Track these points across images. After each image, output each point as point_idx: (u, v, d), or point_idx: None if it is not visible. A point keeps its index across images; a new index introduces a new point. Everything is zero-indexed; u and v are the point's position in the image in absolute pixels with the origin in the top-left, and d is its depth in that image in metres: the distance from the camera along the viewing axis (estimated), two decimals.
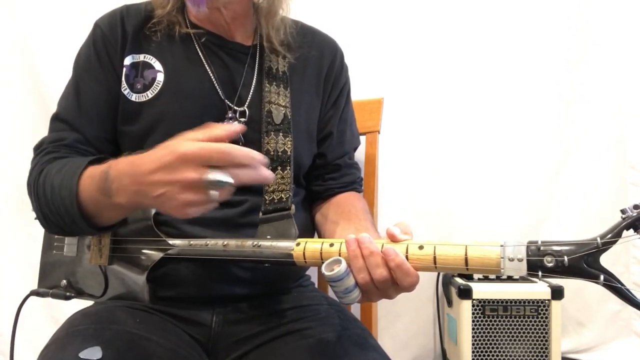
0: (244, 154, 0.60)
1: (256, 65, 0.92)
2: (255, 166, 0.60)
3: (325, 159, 0.98)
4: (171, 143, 0.61)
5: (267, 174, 0.62)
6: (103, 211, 0.73)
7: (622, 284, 0.53)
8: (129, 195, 0.65)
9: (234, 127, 0.62)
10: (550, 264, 0.55)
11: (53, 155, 0.82)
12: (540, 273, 0.55)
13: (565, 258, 0.54)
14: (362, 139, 1.14)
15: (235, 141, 0.87)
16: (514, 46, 1.45)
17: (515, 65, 1.45)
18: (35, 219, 0.81)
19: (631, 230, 0.53)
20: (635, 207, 0.53)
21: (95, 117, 0.86)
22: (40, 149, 0.85)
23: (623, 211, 0.54)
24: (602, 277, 0.54)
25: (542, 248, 0.56)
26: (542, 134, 1.46)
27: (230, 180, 0.59)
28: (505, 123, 1.46)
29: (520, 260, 0.56)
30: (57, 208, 0.74)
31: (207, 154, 0.58)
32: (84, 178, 0.72)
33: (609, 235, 0.54)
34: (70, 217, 0.73)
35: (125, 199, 0.66)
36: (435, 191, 1.46)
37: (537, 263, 0.56)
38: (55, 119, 0.88)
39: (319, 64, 0.98)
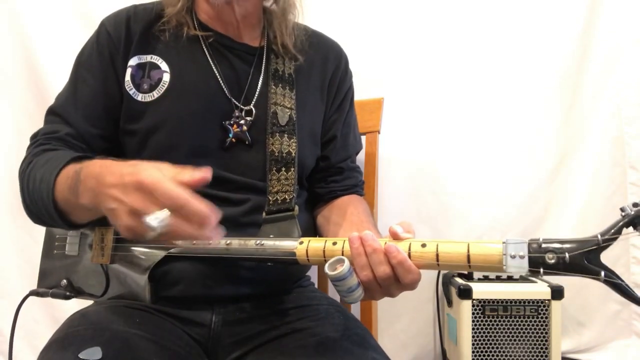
0: (197, 212, 0.57)
1: (263, 66, 0.92)
2: (205, 225, 0.58)
3: (329, 162, 0.99)
4: (139, 165, 0.61)
5: (210, 234, 0.59)
6: (73, 210, 0.74)
7: (622, 280, 0.54)
8: (91, 198, 0.66)
9: (202, 173, 0.59)
10: (552, 261, 0.55)
11: (43, 147, 0.83)
12: (541, 270, 0.56)
13: (567, 255, 0.55)
14: (362, 138, 1.14)
15: (242, 140, 0.87)
16: (513, 46, 1.45)
17: (515, 65, 1.45)
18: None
19: (630, 228, 0.54)
20: (635, 205, 0.54)
21: (89, 114, 0.86)
22: (35, 140, 0.86)
23: (622, 209, 0.55)
24: (602, 273, 0.54)
25: (543, 245, 0.56)
26: (542, 134, 1.46)
27: (161, 228, 0.56)
28: (505, 123, 1.46)
29: (522, 257, 0.57)
30: (38, 200, 0.76)
31: (162, 191, 0.56)
32: (61, 175, 0.74)
33: (609, 233, 0.55)
34: (47, 210, 0.75)
35: (88, 201, 0.67)
36: (434, 191, 1.46)
37: (539, 260, 0.56)
38: (51, 112, 0.89)
39: (323, 68, 0.98)
